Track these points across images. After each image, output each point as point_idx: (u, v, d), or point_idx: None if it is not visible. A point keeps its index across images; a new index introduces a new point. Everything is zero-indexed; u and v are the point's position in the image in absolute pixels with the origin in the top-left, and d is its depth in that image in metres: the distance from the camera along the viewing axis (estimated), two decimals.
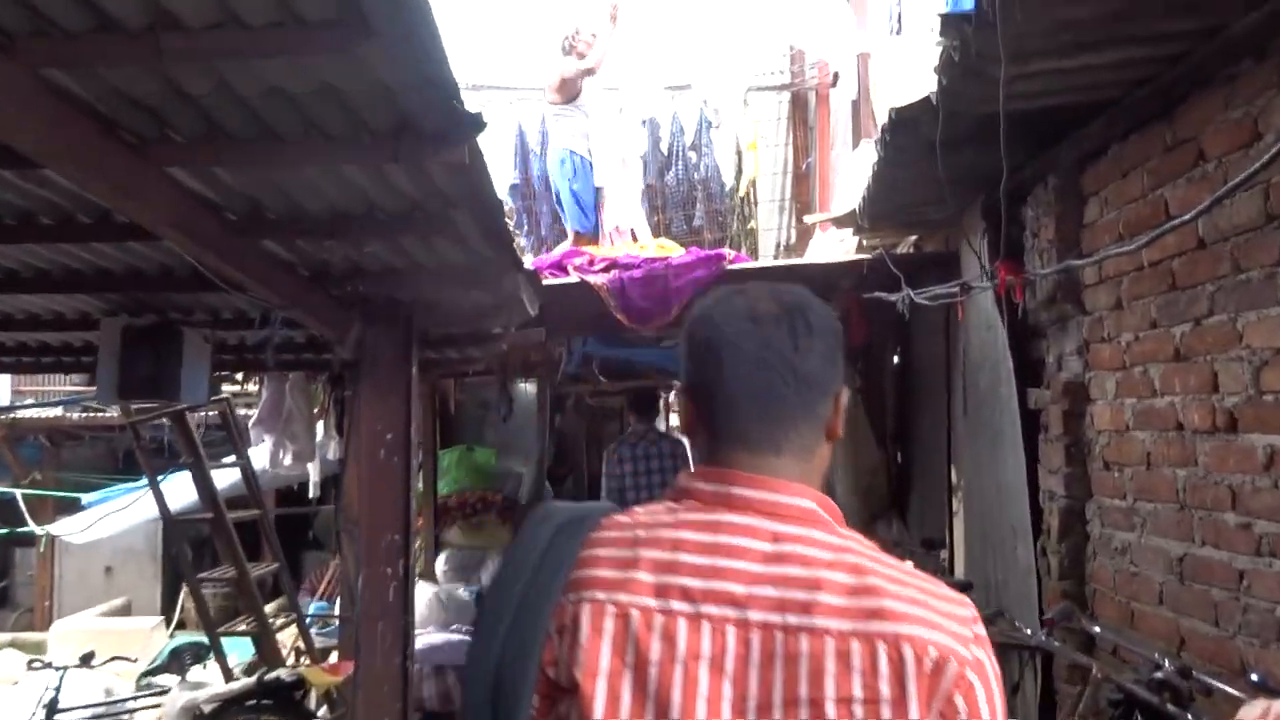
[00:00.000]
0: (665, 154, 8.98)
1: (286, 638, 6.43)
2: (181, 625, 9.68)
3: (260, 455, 6.03)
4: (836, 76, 8.01)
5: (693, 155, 8.78)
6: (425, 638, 5.55)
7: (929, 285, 3.84)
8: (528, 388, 8.95)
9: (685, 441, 9.98)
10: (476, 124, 1.74)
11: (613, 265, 4.29)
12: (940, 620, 0.91)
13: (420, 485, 7.99)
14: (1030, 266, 3.20)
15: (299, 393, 5.69)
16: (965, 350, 4.00)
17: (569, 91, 6.77)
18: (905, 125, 2.98)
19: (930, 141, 2.98)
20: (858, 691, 0.87)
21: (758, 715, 0.88)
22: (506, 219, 2.34)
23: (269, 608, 7.63)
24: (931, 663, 0.88)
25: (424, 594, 5.92)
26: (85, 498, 9.08)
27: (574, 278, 4.23)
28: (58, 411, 10.22)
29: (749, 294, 1.04)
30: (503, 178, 9.13)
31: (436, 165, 1.85)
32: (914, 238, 4.64)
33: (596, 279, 4.17)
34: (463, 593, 6.40)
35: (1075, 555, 3.07)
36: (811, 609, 0.90)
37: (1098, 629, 2.75)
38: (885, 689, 0.87)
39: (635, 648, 0.91)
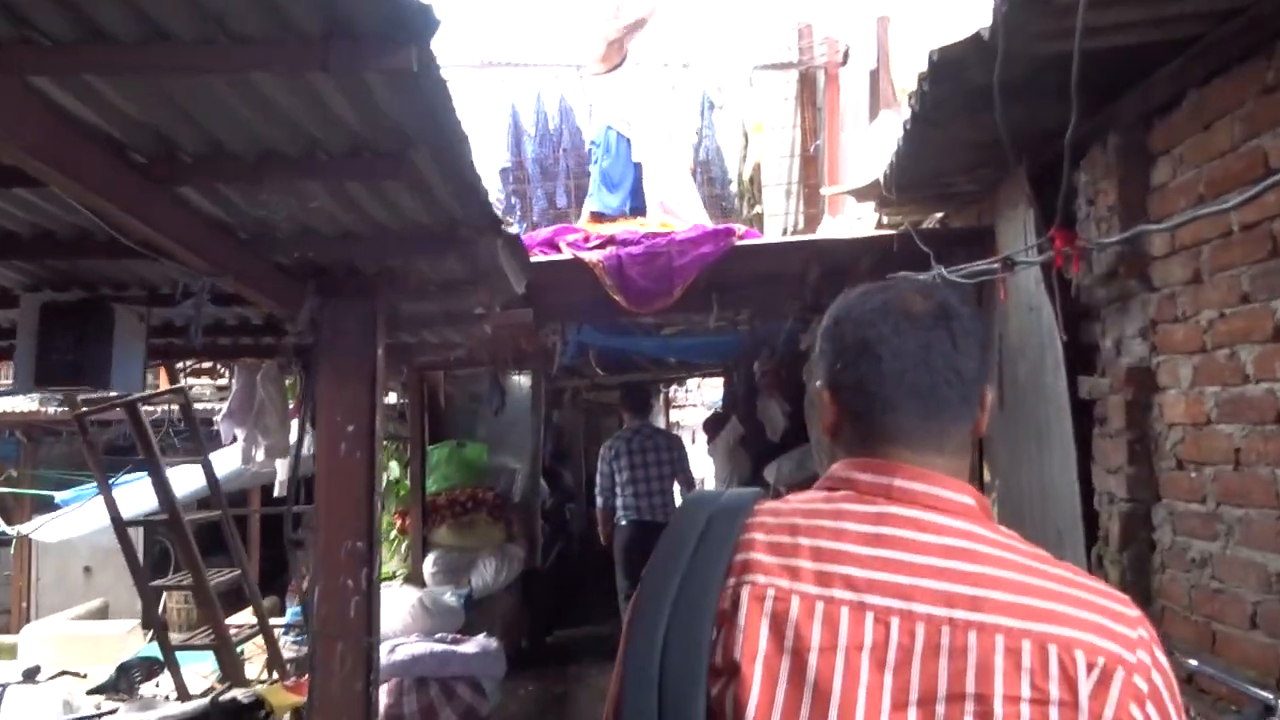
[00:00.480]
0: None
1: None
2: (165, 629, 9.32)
3: (233, 451, 5.63)
4: (847, 53, 7.60)
5: (694, 138, 8.39)
6: (407, 648, 5.15)
7: (959, 264, 3.43)
8: (521, 380, 8.54)
9: (682, 437, 9.67)
10: (427, 21, 1.33)
11: (609, 242, 3.88)
12: (1109, 624, 0.89)
13: (408, 482, 7.60)
14: (1087, 237, 2.79)
15: (271, 383, 5.28)
16: (1003, 336, 3.59)
17: (614, 58, 6.29)
18: (947, 71, 2.57)
19: (973, 92, 2.58)
20: (1026, 691, 0.85)
21: (919, 708, 0.86)
22: (475, 165, 1.92)
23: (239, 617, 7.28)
24: (1100, 670, 0.86)
25: (407, 599, 5.52)
26: (59, 495, 8.67)
27: (566, 254, 3.82)
28: (32, 405, 9.79)
29: (898, 291, 1.05)
30: (494, 161, 8.75)
31: (379, 79, 1.45)
32: (939, 215, 4.23)
33: (591, 256, 3.77)
34: (450, 598, 6.00)
35: (1139, 567, 2.67)
36: (981, 605, 0.89)
37: (1171, 653, 2.35)
38: (1055, 690, 0.85)
39: (795, 633, 0.90)
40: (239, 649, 4.86)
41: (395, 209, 2.16)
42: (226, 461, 6.17)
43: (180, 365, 5.45)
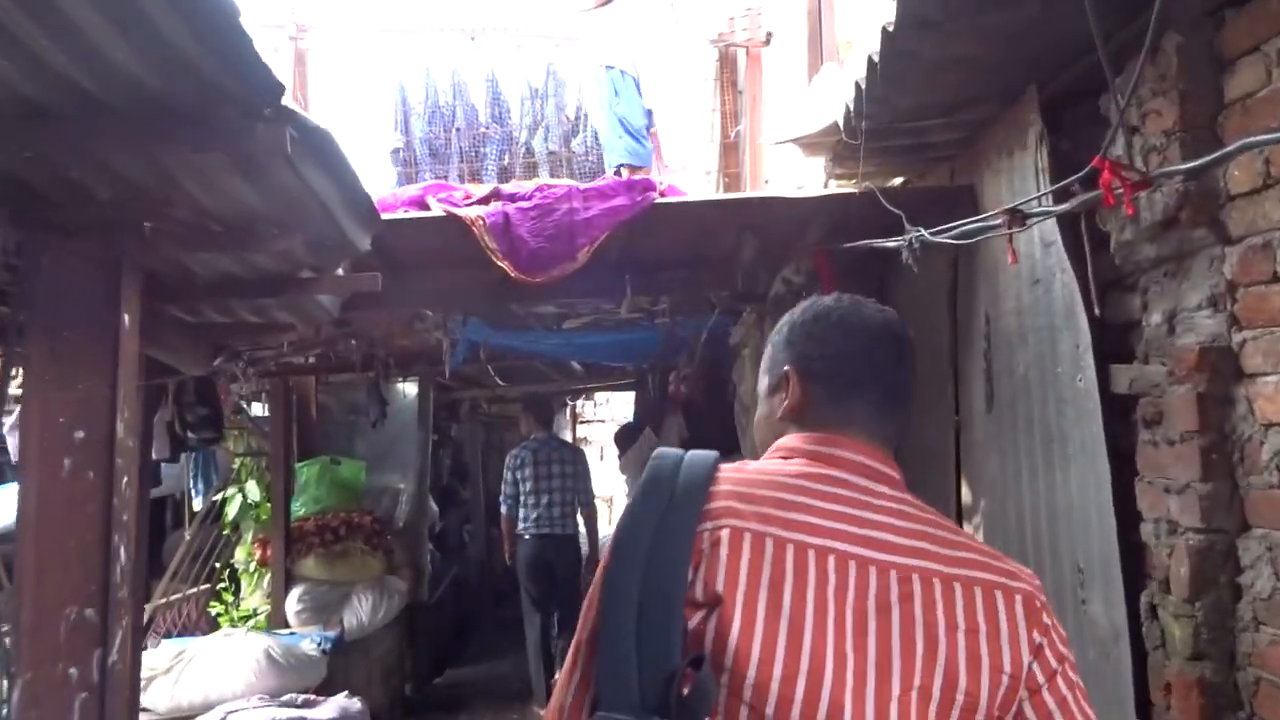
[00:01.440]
0: (571, 119, 7.76)
1: None
2: None
3: None
4: (769, 36, 6.95)
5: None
6: (244, 716, 4.14)
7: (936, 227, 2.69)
8: (406, 389, 7.56)
9: (583, 449, 8.79)
10: None
11: (494, 196, 3.02)
12: (1017, 572, 1.09)
13: (268, 505, 6.53)
14: (1140, 170, 2.06)
15: None
16: (990, 320, 2.87)
17: None
18: None
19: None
20: (961, 623, 1.01)
21: (877, 639, 0.99)
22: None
23: None
24: (1020, 603, 1.05)
25: (250, 650, 4.50)
26: None
27: (436, 210, 2.93)
28: None
29: (863, 304, 1.22)
30: (384, 142, 7.82)
31: None
32: (899, 181, 3.50)
33: (469, 212, 2.90)
34: (307, 645, 4.97)
35: (1218, 621, 1.94)
36: (921, 555, 1.04)
37: None
38: (983, 623, 1.02)
39: (771, 571, 0.99)
40: None
41: (97, 60, 1.27)
42: None
43: None
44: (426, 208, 3.04)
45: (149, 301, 2.26)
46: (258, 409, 7.10)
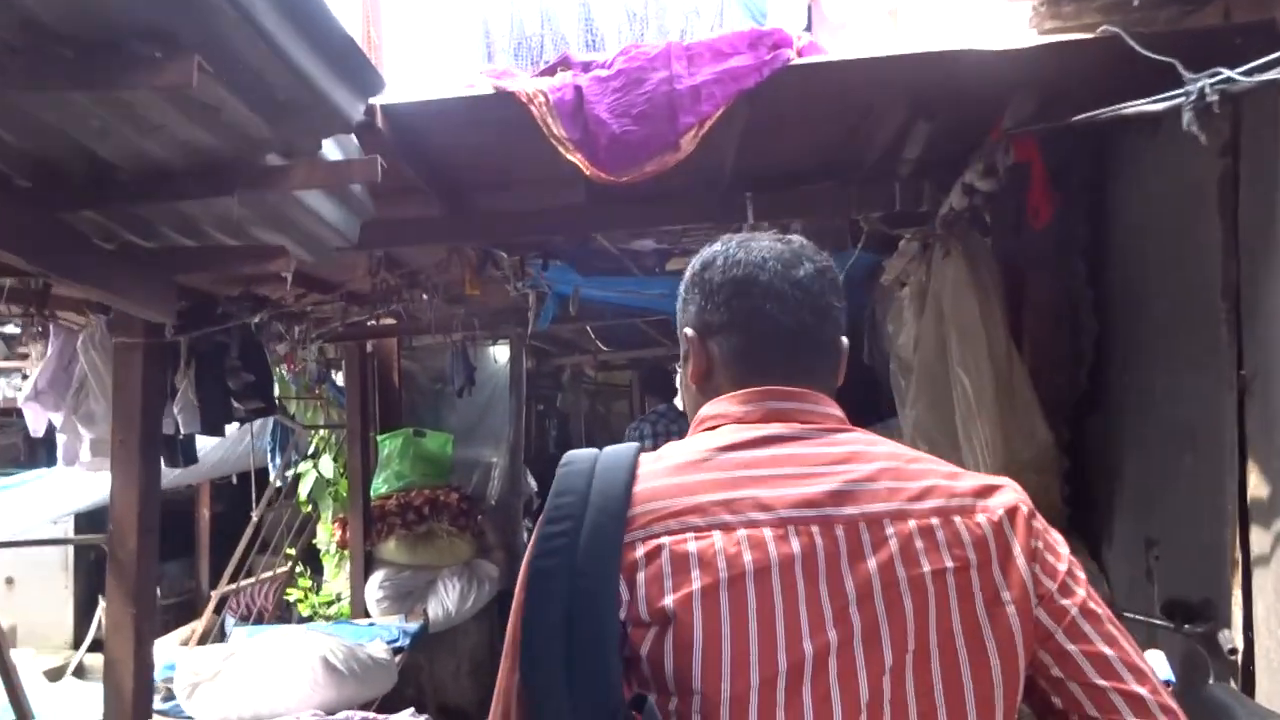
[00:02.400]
0: None
1: None
2: (97, 646, 7.80)
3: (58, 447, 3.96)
4: None
5: None
6: None
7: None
8: (497, 354, 6.86)
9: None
10: None
11: (563, 65, 2.16)
12: (993, 486, 0.97)
13: (345, 481, 5.95)
14: None
15: (97, 350, 3.62)
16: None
17: None
18: None
19: None
20: (949, 562, 0.91)
21: (859, 605, 0.88)
22: None
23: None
24: (1004, 515, 0.94)
25: (308, 654, 3.85)
26: None
27: (483, 88, 2.09)
28: None
29: (756, 238, 1.10)
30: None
31: None
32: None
33: (524, 85, 2.05)
34: (376, 647, 4.30)
35: None
36: (887, 497, 0.93)
37: None
38: (974, 555, 0.91)
39: (728, 565, 0.88)
40: None
41: None
42: None
43: None
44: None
45: (47, 207, 1.52)
46: (339, 378, 6.54)
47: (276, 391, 6.13)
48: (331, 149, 1.82)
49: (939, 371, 3.11)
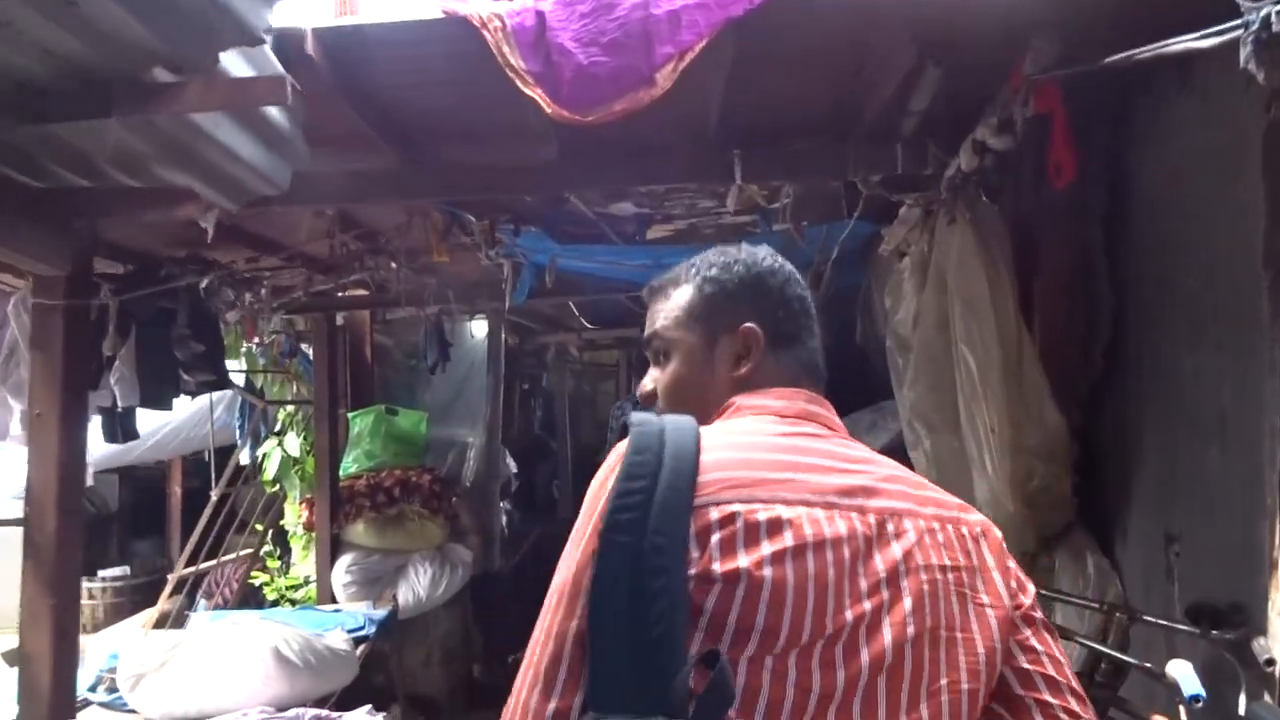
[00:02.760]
0: None
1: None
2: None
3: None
4: None
5: None
6: None
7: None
8: (475, 329, 6.60)
9: None
10: None
11: None
12: (969, 509, 1.09)
13: (313, 460, 5.69)
14: None
15: (30, 313, 3.34)
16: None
17: None
18: None
19: None
20: (947, 561, 1.02)
21: (888, 584, 0.98)
22: None
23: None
24: (981, 535, 1.07)
25: (259, 644, 3.60)
26: None
27: (431, 12, 1.82)
28: None
29: (775, 254, 1.22)
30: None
31: None
32: None
33: (477, 9, 1.78)
34: (336, 637, 4.05)
35: None
36: (902, 498, 1.04)
37: None
38: (962, 559, 1.03)
39: (793, 534, 0.95)
40: None
41: None
42: None
43: None
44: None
45: None
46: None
47: (243, 365, 5.88)
48: (242, 68, 1.55)
49: (940, 349, 2.87)
